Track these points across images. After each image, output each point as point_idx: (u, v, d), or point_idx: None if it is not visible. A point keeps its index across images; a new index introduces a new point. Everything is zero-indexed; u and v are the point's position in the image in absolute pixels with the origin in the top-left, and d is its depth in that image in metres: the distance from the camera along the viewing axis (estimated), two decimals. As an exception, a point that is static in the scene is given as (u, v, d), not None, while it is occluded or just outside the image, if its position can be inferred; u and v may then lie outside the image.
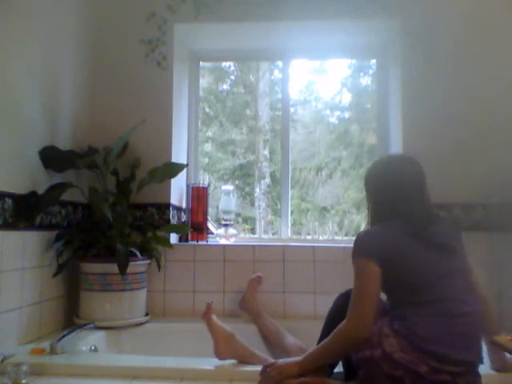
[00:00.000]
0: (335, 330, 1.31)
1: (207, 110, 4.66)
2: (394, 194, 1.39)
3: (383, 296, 1.37)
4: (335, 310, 1.52)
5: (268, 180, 4.49)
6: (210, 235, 2.57)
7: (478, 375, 1.26)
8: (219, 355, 1.56)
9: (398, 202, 1.38)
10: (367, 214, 1.50)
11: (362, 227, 2.61)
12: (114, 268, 1.87)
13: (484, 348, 1.35)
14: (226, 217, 2.56)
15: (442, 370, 1.19)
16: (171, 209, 2.34)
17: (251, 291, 2.14)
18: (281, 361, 1.41)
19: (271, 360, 1.49)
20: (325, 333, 1.45)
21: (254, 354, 1.59)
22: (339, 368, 1.48)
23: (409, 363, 1.19)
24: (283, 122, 2.68)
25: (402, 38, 2.34)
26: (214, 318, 1.66)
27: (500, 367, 1.41)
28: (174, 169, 2.18)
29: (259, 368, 1.41)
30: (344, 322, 1.30)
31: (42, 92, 1.92)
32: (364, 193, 1.52)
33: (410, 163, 1.43)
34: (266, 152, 4.53)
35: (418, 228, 1.34)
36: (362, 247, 1.34)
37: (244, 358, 1.55)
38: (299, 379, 1.32)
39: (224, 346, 1.57)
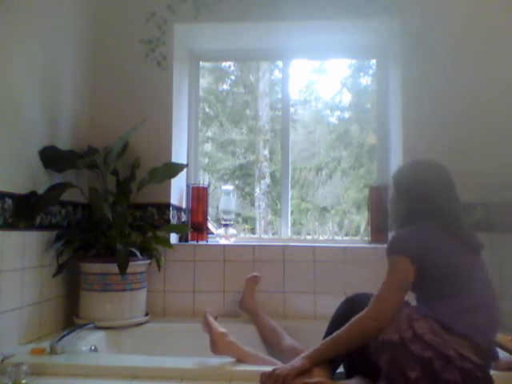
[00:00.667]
0: (351, 320, 1.33)
1: (207, 109, 4.66)
2: (428, 195, 1.46)
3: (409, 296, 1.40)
4: (341, 314, 1.51)
5: (268, 180, 4.50)
6: (210, 235, 2.57)
7: (491, 377, 1.28)
8: (213, 350, 1.59)
9: (433, 202, 1.45)
10: (396, 213, 1.55)
11: (362, 227, 2.61)
12: (114, 268, 1.87)
13: None
14: (226, 217, 2.56)
15: (467, 357, 1.21)
16: (171, 209, 2.33)
17: (249, 291, 2.14)
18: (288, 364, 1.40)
19: (268, 358, 1.49)
20: (328, 335, 1.44)
21: (250, 353, 1.59)
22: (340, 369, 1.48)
23: (438, 345, 1.21)
24: (283, 122, 2.68)
25: (402, 38, 2.34)
26: (209, 316, 1.72)
27: (497, 366, 1.42)
28: (174, 169, 2.18)
29: (259, 368, 1.41)
30: (363, 312, 1.32)
31: (42, 92, 1.92)
32: (392, 194, 1.58)
33: (438, 166, 1.52)
34: (266, 152, 4.53)
35: (451, 226, 1.42)
36: (399, 245, 1.39)
37: (240, 357, 1.56)
38: (302, 380, 1.32)
39: (218, 344, 1.60)
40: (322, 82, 4.67)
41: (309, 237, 2.56)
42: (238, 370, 1.49)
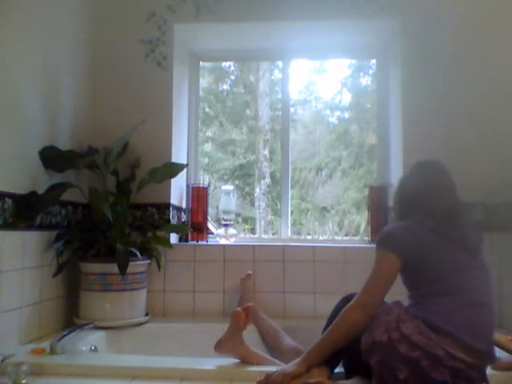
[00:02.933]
0: (339, 314, 1.36)
1: (207, 109, 4.66)
2: (419, 193, 1.49)
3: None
4: (337, 313, 1.51)
5: (268, 180, 4.49)
6: (210, 235, 2.57)
7: (486, 376, 1.27)
8: (217, 348, 1.57)
9: (423, 200, 1.47)
10: (394, 210, 1.59)
11: (362, 227, 2.61)
12: (114, 268, 1.87)
13: None
14: (226, 217, 2.56)
15: (457, 356, 1.20)
16: (171, 209, 2.33)
17: (246, 291, 2.16)
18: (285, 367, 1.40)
19: (278, 362, 1.48)
20: None
21: (259, 357, 1.57)
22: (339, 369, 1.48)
23: (425, 345, 1.21)
24: (283, 122, 2.68)
25: (402, 38, 2.34)
26: (247, 322, 1.63)
27: (496, 366, 1.42)
28: (174, 169, 2.18)
29: (259, 369, 1.41)
30: (350, 303, 1.35)
31: (42, 92, 1.92)
32: (396, 196, 1.59)
33: (437, 166, 1.53)
34: (266, 152, 4.53)
35: (441, 225, 1.41)
36: (386, 240, 1.40)
37: (247, 360, 1.54)
38: (302, 380, 1.32)
39: (227, 343, 1.57)
40: (322, 81, 4.67)
41: (309, 237, 2.56)
42: (238, 370, 1.49)
